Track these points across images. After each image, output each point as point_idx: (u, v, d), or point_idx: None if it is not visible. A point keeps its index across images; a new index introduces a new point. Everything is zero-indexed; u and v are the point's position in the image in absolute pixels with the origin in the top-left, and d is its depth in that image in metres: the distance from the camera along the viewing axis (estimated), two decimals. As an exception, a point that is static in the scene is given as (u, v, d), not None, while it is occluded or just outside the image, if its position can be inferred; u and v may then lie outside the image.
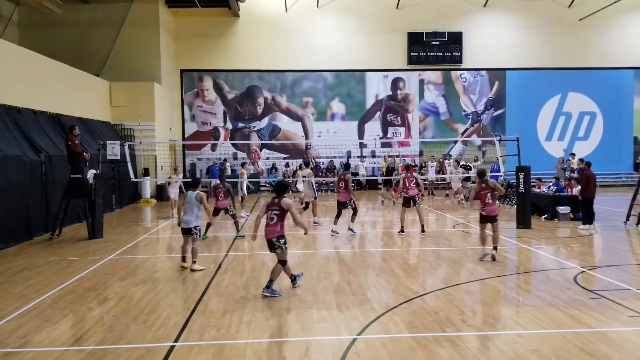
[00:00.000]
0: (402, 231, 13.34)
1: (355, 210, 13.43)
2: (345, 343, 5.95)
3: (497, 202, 10.34)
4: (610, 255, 10.86)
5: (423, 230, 13.31)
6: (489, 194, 10.19)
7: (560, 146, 28.68)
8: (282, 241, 7.97)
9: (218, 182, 13.96)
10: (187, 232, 9.58)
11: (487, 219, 10.30)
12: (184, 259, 9.83)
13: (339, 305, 7.35)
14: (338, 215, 13.58)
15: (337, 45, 28.56)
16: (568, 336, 6.05)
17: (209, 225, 12.83)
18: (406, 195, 13.55)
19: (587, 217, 13.96)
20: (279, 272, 8.02)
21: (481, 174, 10.59)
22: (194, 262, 9.64)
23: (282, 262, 8.04)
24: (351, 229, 13.46)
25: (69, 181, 13.58)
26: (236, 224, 13.31)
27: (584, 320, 6.61)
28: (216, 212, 12.98)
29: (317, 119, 29.06)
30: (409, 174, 13.77)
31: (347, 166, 14.33)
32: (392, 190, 19.14)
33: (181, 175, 18.60)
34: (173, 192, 17.13)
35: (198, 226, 9.65)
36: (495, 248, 10.25)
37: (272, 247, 8.03)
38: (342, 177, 13.49)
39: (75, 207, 15.08)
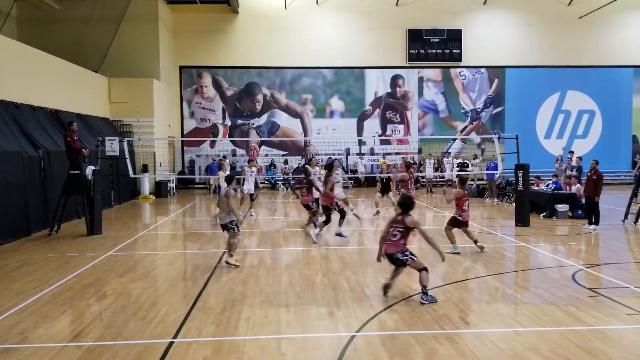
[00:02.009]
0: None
1: (342, 213, 12.56)
2: (343, 340, 5.96)
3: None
4: (609, 253, 10.88)
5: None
6: (467, 202, 10.62)
7: (559, 144, 28.70)
8: (407, 253, 7.48)
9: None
10: (224, 227, 9.74)
11: (461, 224, 10.69)
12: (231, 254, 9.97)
13: (338, 303, 7.35)
14: (327, 222, 12.57)
15: (337, 42, 28.54)
16: (566, 334, 6.07)
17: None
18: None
19: (596, 217, 13.63)
20: (427, 277, 7.42)
21: (463, 181, 10.86)
22: (231, 255, 9.74)
23: (424, 269, 7.44)
24: (340, 234, 12.52)
25: (68, 177, 13.56)
26: None
27: (582, 318, 6.62)
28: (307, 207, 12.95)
29: (316, 116, 29.05)
30: (410, 175, 13.80)
31: (329, 167, 12.89)
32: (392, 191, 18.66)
33: (254, 169, 17.60)
34: (247, 187, 16.77)
35: (233, 220, 9.67)
36: (476, 241, 10.75)
37: (396, 261, 7.52)
38: (326, 178, 12.43)
39: (73, 203, 15.06)
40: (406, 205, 7.68)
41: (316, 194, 13.15)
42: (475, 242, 10.71)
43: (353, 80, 29.19)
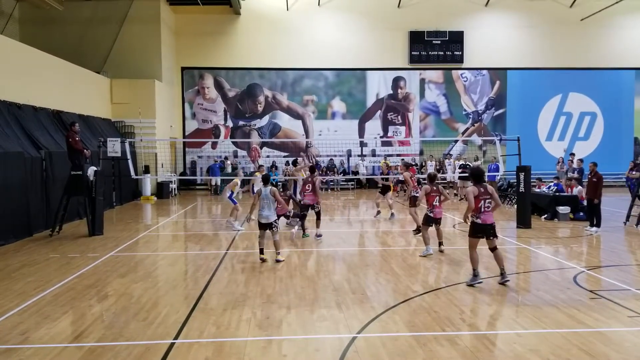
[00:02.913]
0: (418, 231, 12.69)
1: (318, 215, 12.74)
2: (344, 341, 5.96)
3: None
4: (610, 256, 10.87)
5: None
6: (437, 197, 10.72)
7: (561, 146, 28.69)
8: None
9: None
10: (267, 226, 10.06)
11: (433, 220, 10.80)
12: (262, 251, 10.17)
13: (339, 304, 7.35)
14: (304, 217, 13.00)
15: (338, 43, 28.56)
16: (567, 336, 6.06)
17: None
18: (415, 194, 13.48)
19: (597, 219, 13.59)
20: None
21: (431, 177, 10.96)
22: (278, 253, 10.12)
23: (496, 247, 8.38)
24: (319, 235, 12.65)
25: (70, 178, 13.58)
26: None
27: (583, 320, 6.62)
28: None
29: (318, 118, 29.06)
30: (412, 175, 13.80)
31: (312, 169, 13.37)
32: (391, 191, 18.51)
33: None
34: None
35: (277, 219, 10.25)
36: (441, 243, 10.97)
37: (491, 233, 8.31)
38: (310, 179, 12.80)
39: (75, 204, 15.10)
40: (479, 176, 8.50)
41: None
42: (440, 243, 11.06)
43: (355, 81, 29.20)
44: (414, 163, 27.46)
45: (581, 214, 15.42)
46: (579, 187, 16.45)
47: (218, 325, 6.54)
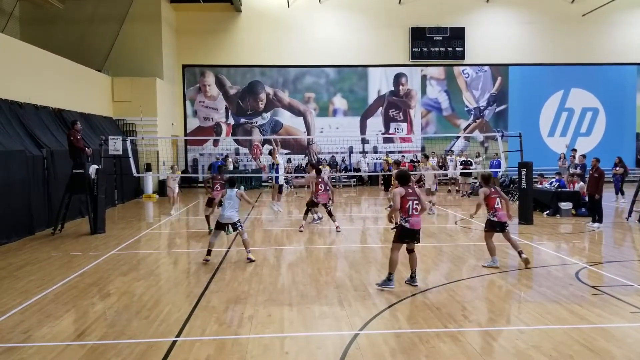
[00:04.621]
0: None
1: (330, 213, 13.45)
2: (347, 338, 5.96)
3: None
4: (612, 252, 10.86)
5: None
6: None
7: (563, 142, 28.62)
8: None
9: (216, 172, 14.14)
10: (225, 227, 10.09)
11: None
12: (209, 252, 10.01)
13: (341, 301, 7.35)
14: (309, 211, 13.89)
15: (339, 40, 28.53)
16: (569, 332, 6.05)
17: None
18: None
19: (599, 215, 13.56)
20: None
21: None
22: (249, 252, 10.01)
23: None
24: (338, 229, 13.34)
25: (71, 176, 13.60)
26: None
27: (585, 316, 6.61)
28: (209, 202, 13.28)
29: (319, 115, 29.04)
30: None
31: (318, 170, 14.53)
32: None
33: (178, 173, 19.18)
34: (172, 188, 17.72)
35: (240, 219, 10.07)
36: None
37: (416, 238, 8.01)
38: (321, 180, 13.58)
39: (77, 202, 15.11)
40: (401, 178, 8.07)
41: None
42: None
43: (356, 78, 29.17)
44: (414, 159, 27.47)
45: (583, 210, 15.40)
46: (581, 183, 16.43)
47: (220, 322, 6.54)
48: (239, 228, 9.94)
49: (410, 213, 7.82)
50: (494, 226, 9.33)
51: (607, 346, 5.65)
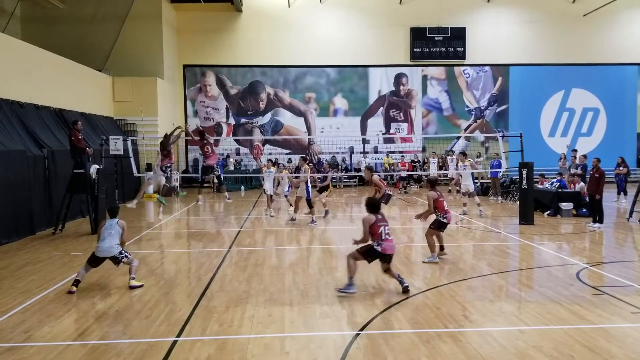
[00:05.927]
0: None
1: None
2: (347, 338, 5.97)
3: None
4: (613, 252, 10.85)
5: None
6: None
7: (564, 142, 28.60)
8: None
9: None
10: (113, 259, 8.21)
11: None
12: (77, 283, 8.02)
13: (341, 301, 7.35)
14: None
15: (340, 40, 28.51)
16: (570, 332, 6.05)
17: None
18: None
19: (600, 215, 13.53)
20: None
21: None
22: (132, 278, 8.26)
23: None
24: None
25: (72, 176, 13.60)
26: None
27: (586, 316, 6.61)
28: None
29: (320, 115, 29.04)
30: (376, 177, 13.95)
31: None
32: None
33: (272, 169, 17.46)
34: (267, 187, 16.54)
35: (122, 250, 8.31)
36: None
37: (386, 260, 7.72)
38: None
39: (78, 202, 15.11)
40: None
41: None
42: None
43: (357, 78, 29.16)
44: (414, 159, 27.47)
45: (584, 210, 15.38)
46: (582, 183, 16.42)
47: (221, 322, 6.55)
48: (122, 260, 8.22)
49: (383, 238, 7.60)
50: (442, 227, 9.90)
51: (608, 346, 5.65)
